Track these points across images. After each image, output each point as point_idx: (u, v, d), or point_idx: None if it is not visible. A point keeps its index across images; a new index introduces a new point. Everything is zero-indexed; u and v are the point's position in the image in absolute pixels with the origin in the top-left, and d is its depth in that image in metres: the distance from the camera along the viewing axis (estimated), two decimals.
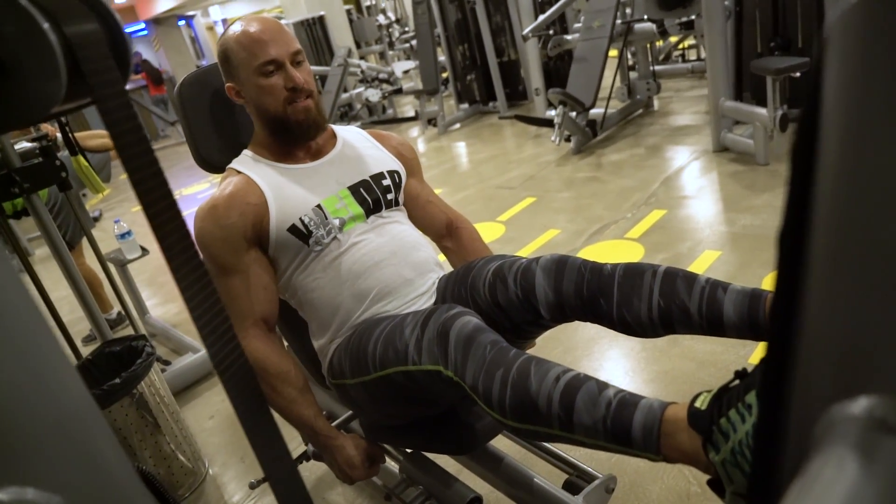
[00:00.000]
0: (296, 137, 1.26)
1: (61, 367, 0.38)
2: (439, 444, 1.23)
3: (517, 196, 3.87)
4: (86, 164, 2.55)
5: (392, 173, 1.34)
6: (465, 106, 6.75)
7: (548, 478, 1.20)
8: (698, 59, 6.09)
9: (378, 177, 1.31)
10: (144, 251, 2.87)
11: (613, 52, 4.65)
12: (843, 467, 0.23)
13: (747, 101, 3.72)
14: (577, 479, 1.21)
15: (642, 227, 3.00)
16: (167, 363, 2.52)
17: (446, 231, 1.48)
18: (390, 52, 9.43)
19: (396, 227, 1.28)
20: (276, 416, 1.20)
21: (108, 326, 2.36)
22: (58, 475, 0.38)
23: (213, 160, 1.39)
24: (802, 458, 0.30)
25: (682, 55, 6.45)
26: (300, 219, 1.20)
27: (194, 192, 6.54)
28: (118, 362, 1.98)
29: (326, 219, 1.21)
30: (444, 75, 6.97)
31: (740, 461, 0.60)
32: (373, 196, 1.27)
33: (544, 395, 0.83)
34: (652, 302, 0.98)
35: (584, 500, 1.08)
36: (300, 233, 1.20)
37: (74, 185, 2.67)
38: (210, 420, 2.32)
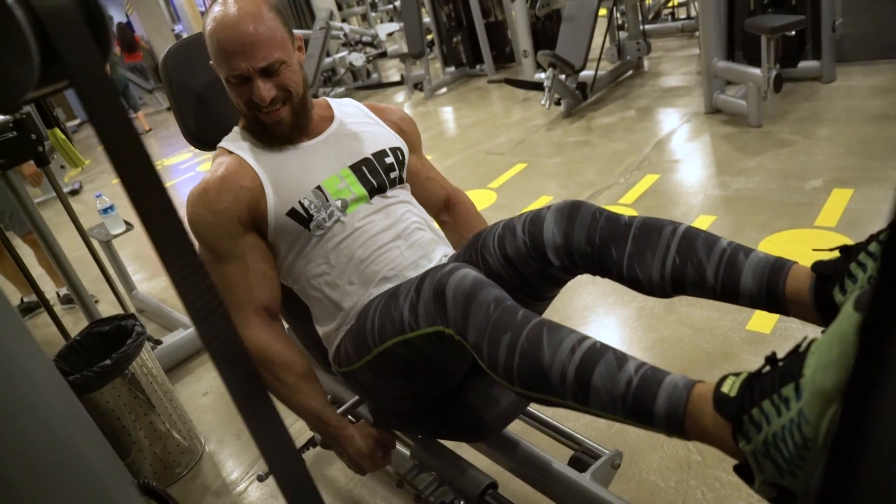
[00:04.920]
0: (274, 137, 1.18)
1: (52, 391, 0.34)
2: (453, 431, 1.17)
3: (507, 162, 3.82)
4: (63, 136, 2.46)
5: (395, 150, 1.26)
6: (452, 69, 6.62)
7: (552, 454, 1.19)
8: (688, 17, 6.00)
9: (380, 154, 1.23)
10: (129, 226, 2.80)
11: (602, 12, 4.54)
12: None
13: (739, 61, 3.67)
14: (582, 456, 1.20)
15: (636, 192, 2.97)
16: (158, 342, 2.48)
17: (444, 206, 1.42)
18: (373, 14, 9.17)
19: (401, 208, 1.21)
20: (280, 405, 1.16)
21: (96, 308, 2.32)
22: None
23: (205, 137, 1.29)
24: (889, 484, 0.27)
25: (672, 13, 6.34)
26: (299, 202, 1.13)
27: (176, 162, 6.41)
28: (107, 342, 1.93)
29: (328, 201, 1.14)
30: (430, 37, 6.81)
31: (772, 453, 0.58)
32: (376, 176, 1.20)
33: (558, 368, 0.77)
34: (667, 259, 0.91)
35: (592, 476, 1.07)
36: (300, 217, 1.13)
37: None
38: (204, 397, 2.30)
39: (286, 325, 1.44)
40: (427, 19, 6.66)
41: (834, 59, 3.56)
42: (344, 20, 8.40)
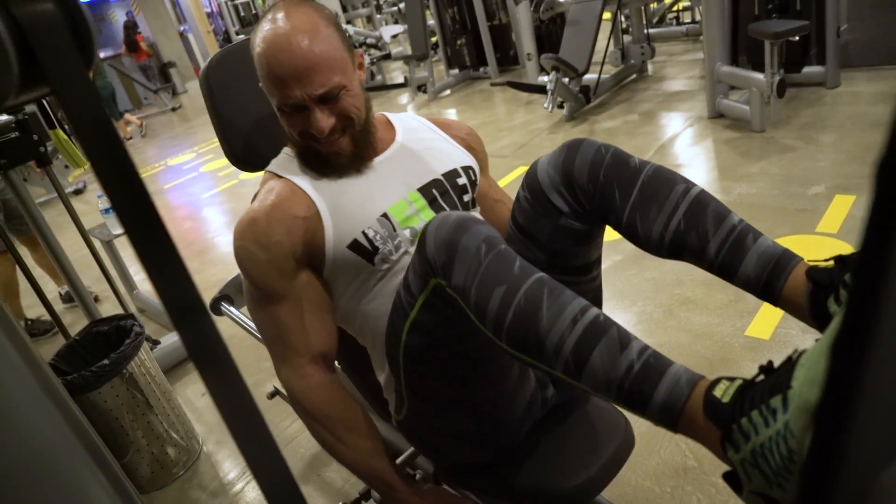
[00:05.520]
0: (332, 167, 1.03)
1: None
2: (534, 498, 0.98)
3: (509, 165, 3.82)
4: (65, 137, 2.47)
5: (467, 169, 1.11)
6: (456, 71, 6.62)
7: None
8: (693, 21, 5.99)
9: (452, 175, 1.08)
10: None
11: (607, 15, 4.54)
12: None
13: (743, 66, 3.66)
14: None
15: None
16: (156, 342, 2.48)
17: None
18: (378, 16, 9.20)
19: None
20: (269, 403, 1.11)
21: (96, 308, 2.32)
22: None
23: (251, 158, 1.17)
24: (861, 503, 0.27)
25: (677, 17, 6.33)
26: (363, 232, 0.98)
27: (179, 162, 6.42)
28: (106, 342, 1.94)
29: (395, 230, 0.99)
30: (434, 39, 6.82)
31: (760, 463, 0.58)
32: (448, 200, 1.06)
33: (555, 338, 0.71)
34: (672, 220, 0.85)
35: None
36: (363, 250, 0.98)
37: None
38: (202, 397, 2.30)
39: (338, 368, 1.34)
40: (431, 21, 6.67)
41: (838, 65, 3.55)
42: (349, 22, 8.42)
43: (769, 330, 1.87)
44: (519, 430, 1.01)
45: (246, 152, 1.19)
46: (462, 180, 1.09)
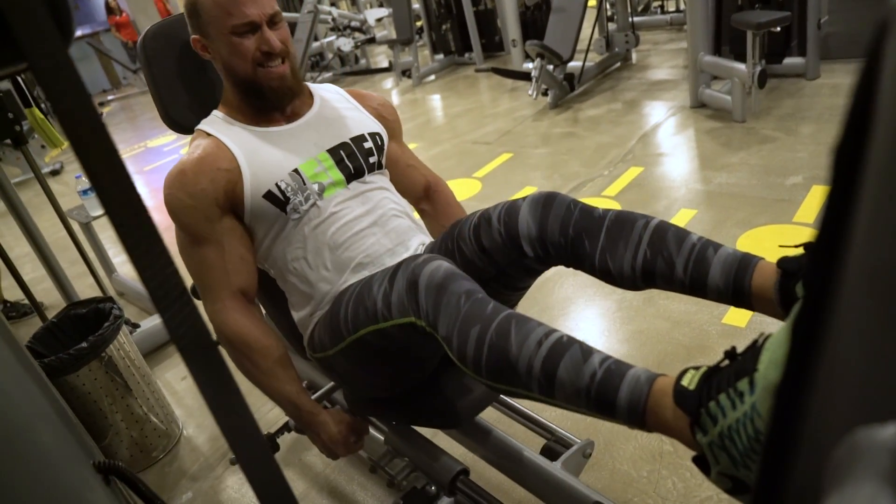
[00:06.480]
0: (269, 102, 1.19)
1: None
2: (426, 418, 1.20)
3: (493, 152, 3.82)
4: (42, 116, 2.42)
5: (374, 135, 1.27)
6: (440, 57, 6.58)
7: (525, 442, 1.21)
8: (677, 10, 6.00)
9: (359, 139, 1.24)
10: None
11: (592, 2, 4.53)
12: None
13: (726, 56, 3.68)
14: (554, 445, 1.21)
15: (619, 184, 2.99)
16: (136, 326, 2.46)
17: (424, 194, 1.43)
18: None
19: (379, 194, 1.22)
20: (250, 386, 1.19)
21: (74, 289, 2.29)
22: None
23: (183, 120, 1.30)
24: (817, 478, 0.28)
25: (661, 6, 6.34)
26: (276, 184, 1.14)
27: (160, 144, 6.33)
28: (84, 325, 1.92)
29: (304, 184, 1.15)
30: (419, 24, 6.76)
31: (728, 445, 0.60)
32: (354, 161, 1.21)
33: (525, 360, 0.80)
34: (638, 251, 0.93)
35: (563, 465, 1.09)
36: (276, 199, 1.14)
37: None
38: (182, 381, 2.29)
39: (263, 311, 1.43)
40: (416, 6, 6.61)
41: (819, 57, 3.59)
42: (333, 4, 8.31)
43: (745, 318, 1.90)
44: (428, 371, 1.16)
45: (181, 116, 1.31)
46: (368, 144, 1.24)
